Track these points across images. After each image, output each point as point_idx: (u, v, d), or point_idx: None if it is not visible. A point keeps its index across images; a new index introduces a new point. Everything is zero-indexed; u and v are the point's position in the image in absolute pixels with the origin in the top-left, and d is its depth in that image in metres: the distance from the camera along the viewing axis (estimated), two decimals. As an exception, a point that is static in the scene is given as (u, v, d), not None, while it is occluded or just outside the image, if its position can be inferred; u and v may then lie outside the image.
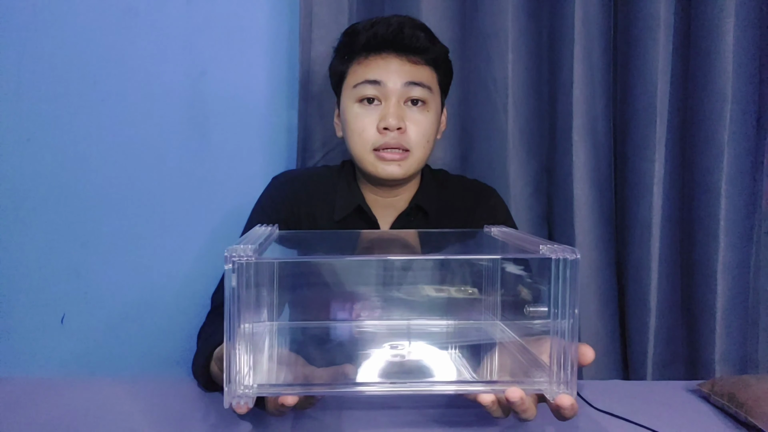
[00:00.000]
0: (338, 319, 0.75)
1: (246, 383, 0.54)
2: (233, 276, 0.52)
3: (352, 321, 0.75)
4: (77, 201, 1.20)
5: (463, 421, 0.73)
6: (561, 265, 0.55)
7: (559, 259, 0.55)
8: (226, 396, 0.52)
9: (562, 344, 0.55)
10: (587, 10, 1.09)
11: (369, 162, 0.89)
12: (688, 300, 1.13)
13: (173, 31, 1.18)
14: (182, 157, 1.21)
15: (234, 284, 0.52)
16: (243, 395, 0.53)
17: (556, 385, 0.55)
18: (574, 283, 0.54)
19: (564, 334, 0.55)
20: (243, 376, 0.54)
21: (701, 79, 1.07)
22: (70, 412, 0.76)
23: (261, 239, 0.62)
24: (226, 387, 0.52)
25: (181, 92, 1.19)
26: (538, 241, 0.60)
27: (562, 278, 0.55)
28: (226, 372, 0.52)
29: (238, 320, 0.52)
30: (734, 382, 0.78)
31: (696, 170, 1.10)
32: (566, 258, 0.55)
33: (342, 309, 0.74)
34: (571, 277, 0.54)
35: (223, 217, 1.22)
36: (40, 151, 1.19)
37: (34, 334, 1.21)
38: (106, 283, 1.22)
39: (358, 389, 0.57)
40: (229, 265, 0.52)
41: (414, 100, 0.89)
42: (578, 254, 0.54)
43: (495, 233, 0.75)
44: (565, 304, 0.55)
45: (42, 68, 1.17)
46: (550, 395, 0.55)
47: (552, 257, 0.55)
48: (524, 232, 0.71)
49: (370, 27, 0.89)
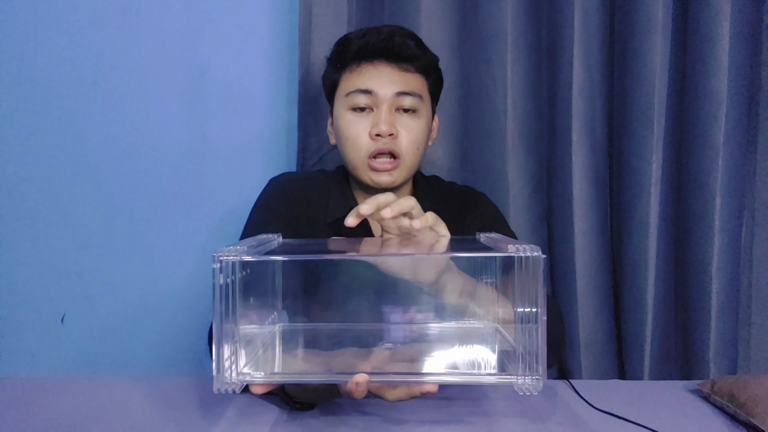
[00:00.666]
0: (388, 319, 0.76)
1: (234, 373, 0.60)
2: (221, 275, 0.57)
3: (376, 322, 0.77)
4: (77, 201, 1.20)
5: (465, 420, 0.74)
6: (524, 262, 0.58)
7: (522, 256, 0.58)
8: (215, 383, 0.59)
9: (529, 338, 0.58)
10: (586, 11, 1.10)
11: (362, 170, 0.91)
12: (683, 299, 1.14)
13: (173, 31, 1.18)
14: (182, 157, 1.21)
15: (221, 283, 0.57)
16: (231, 383, 0.59)
17: (526, 377, 0.58)
18: (538, 280, 0.57)
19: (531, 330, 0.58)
20: (231, 366, 0.59)
21: (697, 81, 1.08)
22: (70, 412, 0.76)
23: (262, 243, 0.64)
24: (216, 375, 0.58)
25: (181, 92, 1.20)
26: (511, 242, 0.63)
27: (529, 274, 0.58)
28: (215, 362, 0.58)
29: (226, 318, 0.58)
30: (734, 382, 0.78)
31: (691, 171, 1.11)
32: (528, 255, 0.58)
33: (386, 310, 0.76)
34: (534, 274, 0.57)
35: (223, 217, 1.22)
36: (40, 151, 1.19)
37: (34, 334, 1.22)
38: (106, 283, 1.22)
39: (344, 378, 0.61)
40: (216, 264, 0.57)
41: (405, 109, 0.91)
42: (540, 252, 0.57)
43: (483, 239, 0.76)
44: (532, 301, 0.58)
45: (42, 68, 1.17)
46: (519, 389, 0.59)
47: (515, 255, 0.58)
48: (507, 238, 0.72)
49: (361, 36, 0.91)
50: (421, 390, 0.62)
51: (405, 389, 0.64)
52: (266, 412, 0.76)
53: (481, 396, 0.81)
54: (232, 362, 0.59)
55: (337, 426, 0.72)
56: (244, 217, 0.98)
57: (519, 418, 0.74)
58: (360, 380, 0.60)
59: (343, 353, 0.69)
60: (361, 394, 0.62)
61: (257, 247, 0.65)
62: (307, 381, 0.67)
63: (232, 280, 0.58)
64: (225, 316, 0.57)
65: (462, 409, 0.77)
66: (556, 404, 0.79)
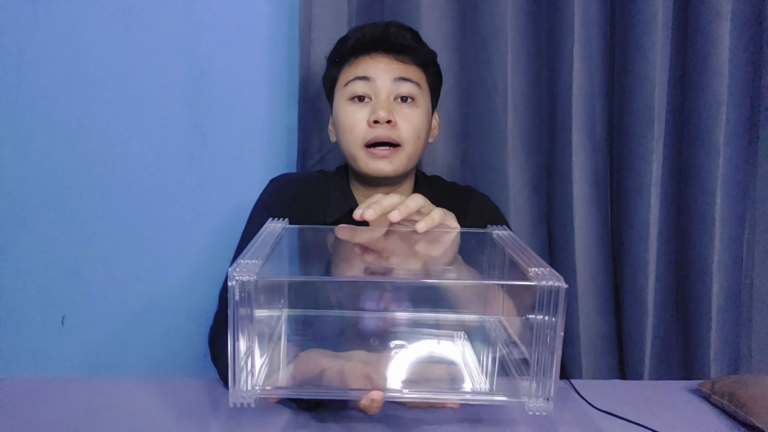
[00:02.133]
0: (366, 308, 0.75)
1: (249, 386, 0.58)
2: (236, 292, 0.55)
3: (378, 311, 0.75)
4: (77, 201, 1.20)
5: (465, 420, 0.74)
6: (546, 293, 0.54)
7: (545, 286, 0.54)
8: (231, 396, 0.58)
9: (544, 358, 0.57)
10: (586, 11, 1.10)
11: (360, 158, 0.91)
12: (683, 298, 1.14)
13: (173, 31, 1.18)
14: (182, 158, 1.21)
15: (237, 298, 0.55)
16: (247, 395, 0.58)
17: (538, 398, 0.58)
18: (559, 311, 0.54)
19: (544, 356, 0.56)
20: (246, 379, 0.58)
21: (697, 80, 1.08)
22: (70, 413, 0.76)
23: (268, 246, 0.64)
24: (231, 389, 0.57)
25: (181, 92, 1.19)
26: (532, 260, 0.60)
27: (550, 305, 0.55)
28: (231, 376, 0.57)
29: (240, 332, 0.56)
30: (734, 382, 0.78)
31: (692, 170, 1.11)
32: (552, 285, 0.54)
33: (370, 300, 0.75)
34: (555, 305, 0.54)
35: (223, 218, 1.22)
36: (40, 151, 1.19)
37: (34, 334, 1.21)
38: (106, 284, 1.22)
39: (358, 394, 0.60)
40: (232, 282, 0.55)
41: (404, 97, 0.91)
42: (564, 283, 0.54)
43: (497, 236, 0.75)
44: (552, 329, 0.55)
45: (42, 68, 1.17)
46: (529, 408, 0.58)
47: (536, 284, 0.55)
48: (522, 244, 0.71)
49: (358, 30, 0.93)
50: (443, 405, 0.62)
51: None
52: (274, 415, 0.75)
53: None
54: (248, 374, 0.58)
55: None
56: (244, 218, 0.98)
57: (519, 418, 0.74)
58: (376, 397, 0.58)
59: (354, 356, 0.66)
60: (375, 410, 0.61)
61: (267, 247, 0.65)
62: (321, 396, 0.67)
63: (247, 294, 0.57)
64: (241, 330, 0.56)
65: (462, 408, 0.77)
66: (557, 404, 0.79)
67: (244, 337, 0.57)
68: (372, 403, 0.59)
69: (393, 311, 0.73)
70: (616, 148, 1.17)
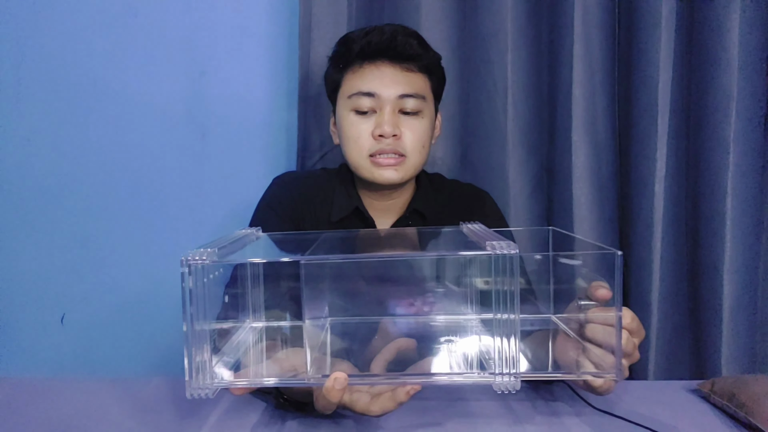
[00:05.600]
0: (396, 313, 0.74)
1: (208, 378, 0.58)
2: (189, 278, 0.55)
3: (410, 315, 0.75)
4: (77, 201, 1.20)
5: (465, 419, 0.74)
6: (501, 260, 0.55)
7: (498, 254, 0.55)
8: (188, 389, 0.57)
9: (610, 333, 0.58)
10: (587, 9, 1.09)
11: (365, 168, 0.90)
12: (693, 300, 1.13)
13: (173, 31, 1.18)
14: (182, 157, 1.21)
15: (190, 286, 0.55)
16: (204, 387, 0.57)
17: (504, 376, 0.57)
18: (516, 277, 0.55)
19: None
20: (205, 371, 0.58)
21: (705, 76, 1.06)
22: (70, 412, 0.76)
23: (234, 241, 0.64)
24: (188, 380, 0.57)
25: (181, 92, 1.20)
26: (489, 238, 0.60)
27: (506, 272, 0.55)
28: (188, 367, 0.56)
29: (196, 319, 0.56)
30: (734, 382, 0.78)
31: (701, 168, 1.08)
32: (506, 253, 0.55)
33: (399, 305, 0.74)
34: (512, 271, 0.55)
35: (223, 217, 1.22)
36: (40, 151, 1.19)
37: (34, 333, 1.22)
38: (106, 284, 1.22)
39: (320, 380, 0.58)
40: (184, 268, 0.55)
41: (408, 111, 0.90)
42: (516, 249, 0.54)
43: (465, 230, 0.75)
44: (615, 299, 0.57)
45: (42, 68, 1.17)
46: (497, 386, 0.57)
47: (492, 253, 0.55)
48: (491, 231, 0.69)
49: (363, 36, 0.91)
50: (407, 392, 0.58)
51: (389, 397, 0.59)
52: (274, 415, 0.75)
53: (483, 393, 0.81)
54: (205, 366, 0.57)
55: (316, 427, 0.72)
56: (244, 217, 0.98)
57: (519, 418, 0.74)
58: (339, 376, 0.56)
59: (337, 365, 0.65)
60: (338, 394, 0.57)
61: (231, 246, 0.64)
62: (279, 384, 0.62)
63: (202, 282, 0.56)
64: (196, 319, 0.56)
65: (462, 407, 0.77)
66: (556, 404, 0.79)
67: (199, 324, 0.56)
68: (334, 383, 0.57)
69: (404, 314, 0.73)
70: (623, 146, 1.16)
